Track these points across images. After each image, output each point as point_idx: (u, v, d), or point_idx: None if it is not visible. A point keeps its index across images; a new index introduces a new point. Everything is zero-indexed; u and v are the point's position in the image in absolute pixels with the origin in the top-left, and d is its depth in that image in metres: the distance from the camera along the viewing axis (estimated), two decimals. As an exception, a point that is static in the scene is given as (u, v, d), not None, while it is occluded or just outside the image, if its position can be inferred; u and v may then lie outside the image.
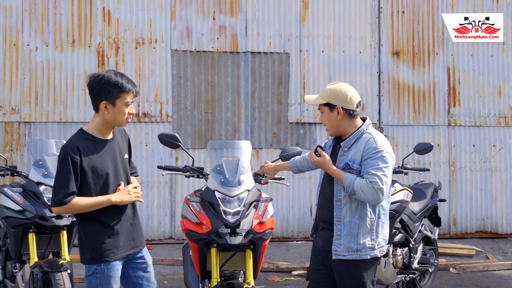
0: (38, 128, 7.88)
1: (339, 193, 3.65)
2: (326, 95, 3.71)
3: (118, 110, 3.47)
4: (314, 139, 8.39)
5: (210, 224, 4.06)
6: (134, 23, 8.09)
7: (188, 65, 8.19)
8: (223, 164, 4.20)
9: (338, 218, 3.64)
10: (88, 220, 3.48)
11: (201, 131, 8.18)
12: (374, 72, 8.54)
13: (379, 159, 3.58)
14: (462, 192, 8.67)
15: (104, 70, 3.55)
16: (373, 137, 3.65)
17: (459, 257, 8.00)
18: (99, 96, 3.44)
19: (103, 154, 3.51)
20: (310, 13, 8.43)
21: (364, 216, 3.62)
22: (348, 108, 3.69)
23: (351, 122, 3.72)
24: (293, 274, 7.26)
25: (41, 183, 4.83)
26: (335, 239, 3.64)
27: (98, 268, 3.45)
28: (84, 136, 3.49)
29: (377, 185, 3.51)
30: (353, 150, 3.66)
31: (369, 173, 3.54)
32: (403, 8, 8.62)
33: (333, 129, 3.75)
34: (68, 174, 3.36)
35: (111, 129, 3.59)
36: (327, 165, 3.64)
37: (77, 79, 7.97)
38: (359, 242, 3.60)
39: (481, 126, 8.72)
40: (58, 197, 3.37)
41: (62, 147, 3.45)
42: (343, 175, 3.57)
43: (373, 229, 3.65)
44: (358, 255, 3.62)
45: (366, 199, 3.55)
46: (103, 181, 3.49)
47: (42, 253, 4.94)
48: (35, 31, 7.91)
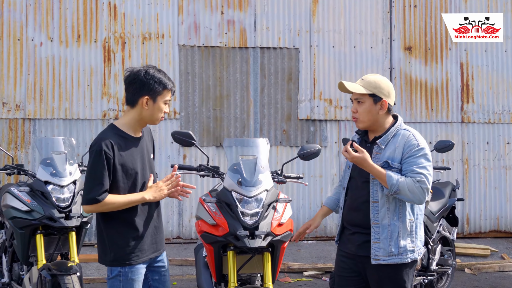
0: (43, 125, 7.69)
1: (376, 194, 3.44)
2: (372, 86, 3.47)
3: (158, 107, 3.35)
4: (325, 136, 8.20)
5: (227, 226, 3.87)
6: (141, 18, 7.90)
7: (196, 60, 8.01)
8: (240, 163, 4.01)
9: (376, 221, 3.43)
10: (112, 220, 3.32)
11: (209, 128, 8.00)
12: (386, 68, 8.35)
13: (422, 157, 3.39)
14: (476, 190, 8.49)
15: (144, 66, 3.41)
16: (412, 133, 3.47)
17: (473, 257, 7.82)
18: (141, 90, 3.31)
19: (133, 152, 3.36)
20: (320, 7, 8.24)
21: (403, 217, 3.43)
22: (390, 104, 3.51)
23: (387, 118, 3.53)
24: (304, 275, 7.09)
25: (49, 182, 4.63)
26: (374, 243, 3.43)
27: (122, 271, 3.30)
28: (116, 132, 3.34)
29: (425, 185, 3.34)
30: (390, 147, 3.45)
31: (414, 171, 3.35)
32: (415, 2, 8.43)
33: (368, 122, 3.51)
34: (103, 169, 3.21)
35: (143, 126, 3.46)
36: (367, 161, 3.37)
37: (83, 75, 7.79)
38: (399, 245, 3.41)
39: (495, 123, 8.53)
40: (92, 195, 3.21)
41: (94, 141, 3.30)
42: (385, 174, 3.35)
43: (412, 231, 3.46)
44: (399, 259, 3.42)
45: (411, 199, 3.35)
46: (132, 181, 3.34)
47: (50, 255, 4.76)
48: (40, 26, 7.72)
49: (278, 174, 4.42)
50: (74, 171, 4.77)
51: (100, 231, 3.36)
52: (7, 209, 4.73)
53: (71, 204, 4.62)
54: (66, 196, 4.62)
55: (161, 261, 3.54)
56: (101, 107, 7.79)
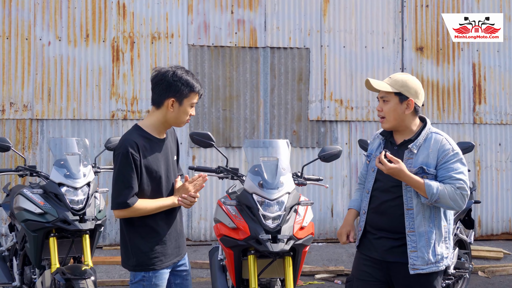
0: (51, 125, 7.60)
1: (410, 201, 3.32)
2: (399, 85, 3.36)
3: (184, 109, 3.26)
4: (335, 137, 8.11)
5: (248, 230, 3.77)
6: (150, 17, 7.81)
7: (206, 60, 7.91)
8: (261, 165, 3.90)
9: (411, 229, 3.31)
10: (135, 224, 3.23)
11: (219, 129, 7.90)
12: (397, 68, 8.25)
13: (458, 162, 3.29)
14: (488, 192, 8.39)
15: (173, 66, 3.30)
16: (445, 138, 3.36)
17: (486, 259, 7.72)
18: (167, 92, 3.22)
19: (157, 154, 3.26)
20: (331, 7, 8.15)
21: (439, 224, 3.33)
22: (417, 104, 3.38)
23: (414, 119, 3.41)
24: (316, 278, 6.98)
25: (63, 184, 4.52)
26: (411, 251, 3.30)
27: (146, 276, 3.22)
28: (140, 133, 3.24)
29: (465, 191, 3.24)
30: (423, 152, 3.32)
31: (453, 178, 3.25)
32: (427, 2, 8.33)
33: (394, 122, 3.38)
34: (131, 172, 3.12)
35: (168, 128, 3.36)
36: (403, 172, 3.24)
37: (91, 75, 7.69)
38: (437, 253, 3.32)
39: (508, 124, 8.44)
40: (122, 198, 3.12)
41: (119, 143, 3.20)
42: (424, 183, 3.22)
43: (447, 237, 3.37)
44: (436, 267, 3.32)
45: (451, 206, 3.24)
46: (156, 183, 3.25)
47: (63, 258, 4.65)
48: (48, 25, 7.62)
49: (298, 176, 4.32)
50: (88, 172, 4.66)
51: (123, 235, 3.27)
52: (20, 211, 4.61)
53: (85, 207, 4.52)
54: (80, 198, 4.51)
55: (183, 265, 3.46)
56: (110, 107, 7.70)
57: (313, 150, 8.03)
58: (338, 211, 8.12)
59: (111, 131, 7.68)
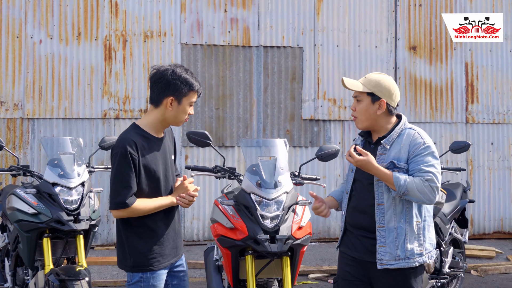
0: (42, 124, 7.52)
1: (381, 196, 3.30)
2: (372, 85, 3.34)
3: (182, 108, 3.21)
4: (329, 136, 8.09)
5: (246, 230, 3.74)
6: (143, 15, 7.75)
7: (199, 59, 7.87)
8: (259, 164, 3.87)
9: (381, 224, 3.28)
10: (133, 224, 3.18)
11: (212, 128, 7.86)
12: (390, 68, 8.26)
13: (429, 155, 3.25)
14: (480, 191, 8.42)
15: (172, 64, 3.26)
16: (417, 132, 3.33)
17: (478, 258, 7.74)
18: (166, 90, 3.17)
19: (155, 153, 3.22)
20: (325, 6, 8.13)
21: (410, 219, 3.28)
22: (390, 105, 3.36)
23: (388, 119, 3.39)
24: (309, 278, 6.97)
25: (57, 184, 4.46)
26: (380, 246, 3.28)
27: (144, 276, 3.17)
28: (138, 132, 3.20)
29: (434, 183, 3.19)
30: (395, 147, 3.31)
31: (422, 170, 3.21)
32: (420, 1, 8.34)
33: (367, 122, 3.38)
34: (129, 171, 3.07)
35: (166, 127, 3.32)
36: (371, 164, 3.24)
37: (83, 73, 7.62)
38: (406, 249, 3.26)
39: (500, 124, 8.47)
40: (120, 198, 3.08)
41: (118, 142, 3.16)
42: (392, 175, 3.21)
43: (420, 233, 3.31)
44: (406, 263, 3.27)
45: (420, 199, 3.21)
46: (155, 183, 3.21)
47: (56, 259, 4.59)
48: (39, 23, 7.54)
49: (295, 175, 4.30)
50: (82, 172, 4.61)
51: (120, 235, 3.23)
52: (13, 211, 4.55)
53: (79, 207, 4.47)
54: (74, 198, 4.46)
55: (180, 266, 3.42)
56: (102, 106, 7.63)
57: (306, 149, 8.01)
58: (331, 210, 8.08)
59: (103, 130, 7.61)
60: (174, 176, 3.38)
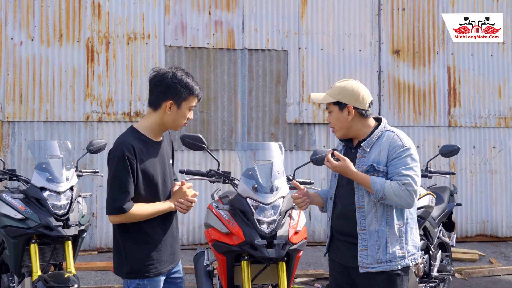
0: (23, 127, 7.36)
1: (361, 199, 3.29)
2: (336, 93, 3.36)
3: (182, 113, 3.14)
4: (313, 140, 8.07)
5: (242, 235, 3.68)
6: (126, 17, 7.64)
7: (183, 62, 7.78)
8: (255, 168, 3.82)
9: (363, 227, 3.27)
10: (130, 229, 3.10)
11: (196, 132, 7.78)
12: (374, 71, 8.27)
13: (408, 157, 3.22)
14: (463, 194, 8.47)
15: (172, 67, 3.19)
16: (396, 134, 3.31)
17: (462, 261, 7.79)
18: (166, 94, 3.10)
19: (153, 158, 3.14)
20: (309, 9, 8.12)
21: (391, 222, 3.27)
22: (360, 108, 3.34)
23: (364, 122, 3.37)
24: (296, 282, 6.93)
25: (45, 189, 4.36)
26: (361, 250, 3.27)
27: (141, 283, 3.10)
28: (136, 136, 3.12)
29: (411, 187, 3.16)
30: (375, 150, 3.30)
31: (400, 174, 3.19)
32: (403, 5, 8.38)
33: (342, 130, 3.38)
34: (127, 176, 2.99)
35: (164, 131, 3.24)
36: (349, 169, 3.24)
37: (65, 75, 7.48)
38: (388, 252, 3.25)
39: (481, 127, 8.54)
40: (117, 204, 3.00)
41: (114, 146, 3.07)
42: (369, 179, 3.20)
43: (401, 236, 3.29)
44: (388, 266, 3.26)
45: (398, 203, 3.19)
46: (153, 188, 3.13)
47: (44, 266, 4.49)
48: (20, 24, 7.38)
49: (289, 179, 4.25)
50: (71, 176, 4.51)
51: (116, 241, 3.15)
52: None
53: (68, 212, 4.37)
54: (63, 203, 4.37)
55: (177, 272, 3.36)
56: (84, 109, 7.50)
57: (291, 153, 7.99)
58: (316, 214, 8.08)
59: (86, 133, 7.48)
60: (172, 181, 3.31)
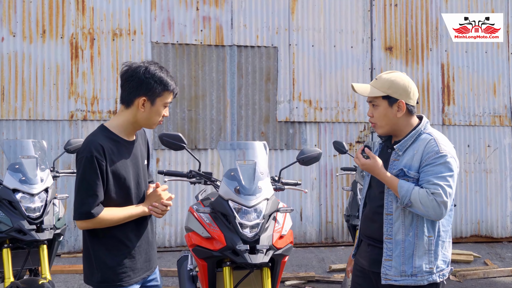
0: (5, 126, 7.13)
1: (390, 205, 3.03)
2: (386, 87, 3.03)
3: (156, 110, 2.92)
4: (304, 139, 7.87)
5: (223, 239, 3.47)
6: (111, 13, 7.42)
7: (170, 59, 7.57)
8: (237, 169, 3.61)
9: (389, 235, 3.02)
10: (101, 235, 2.88)
11: (184, 130, 7.57)
12: (366, 68, 8.08)
13: (442, 166, 2.91)
14: (457, 194, 8.29)
15: (145, 61, 2.96)
16: (434, 138, 3.01)
17: (456, 263, 7.61)
18: (138, 90, 2.88)
19: (125, 158, 2.92)
20: (300, 5, 7.92)
21: (420, 233, 2.99)
22: (410, 104, 3.07)
23: (409, 120, 3.09)
24: (286, 285, 6.74)
25: (18, 190, 4.15)
26: (385, 260, 3.02)
27: None
28: (107, 135, 2.89)
29: (440, 198, 2.86)
30: (409, 153, 3.02)
31: (431, 182, 2.89)
32: (396, 1, 8.19)
33: (387, 127, 3.09)
34: (95, 178, 2.77)
35: (138, 129, 3.01)
36: (378, 169, 2.99)
37: (48, 73, 7.26)
38: (414, 265, 2.98)
39: (476, 126, 8.36)
40: (84, 208, 2.77)
41: (83, 146, 2.84)
42: (397, 182, 2.94)
43: (431, 250, 3.01)
44: (413, 281, 2.99)
45: (425, 213, 2.91)
46: (124, 191, 2.91)
47: (17, 271, 4.28)
48: (1, 19, 7.16)
49: (275, 180, 4.05)
50: (46, 177, 4.30)
51: (86, 248, 2.93)
52: (-31, 220, 4.22)
53: (43, 215, 4.16)
54: (37, 206, 4.15)
55: (154, 280, 3.14)
56: (68, 107, 7.28)
57: (282, 152, 7.79)
58: (307, 215, 7.88)
59: (70, 132, 7.26)
60: (146, 183, 3.10)
